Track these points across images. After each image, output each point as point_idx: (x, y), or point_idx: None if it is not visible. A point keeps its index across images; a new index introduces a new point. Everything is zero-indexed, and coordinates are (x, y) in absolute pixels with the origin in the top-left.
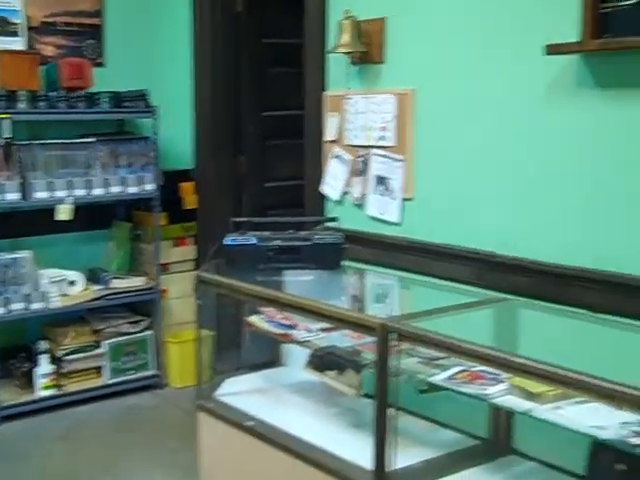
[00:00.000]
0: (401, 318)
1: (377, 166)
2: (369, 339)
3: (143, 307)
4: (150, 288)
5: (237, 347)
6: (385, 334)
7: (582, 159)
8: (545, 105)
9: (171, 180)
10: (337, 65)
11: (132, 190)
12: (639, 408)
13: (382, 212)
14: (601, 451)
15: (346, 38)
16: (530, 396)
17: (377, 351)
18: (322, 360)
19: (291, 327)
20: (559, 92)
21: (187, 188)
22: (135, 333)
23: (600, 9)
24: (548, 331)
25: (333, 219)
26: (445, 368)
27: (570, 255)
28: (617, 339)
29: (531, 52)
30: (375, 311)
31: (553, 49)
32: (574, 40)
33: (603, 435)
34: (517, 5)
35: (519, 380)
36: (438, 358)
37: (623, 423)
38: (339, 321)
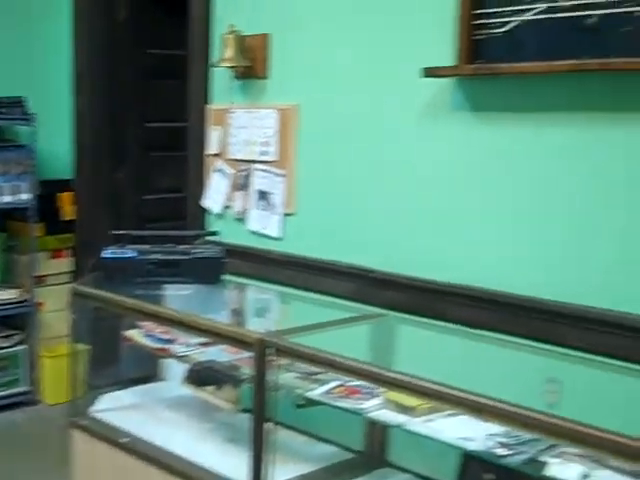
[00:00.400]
0: (279, 333)
1: (259, 181)
2: (248, 354)
3: (17, 321)
4: (24, 301)
5: (115, 362)
6: (262, 349)
7: (454, 177)
8: (422, 125)
9: (49, 190)
10: (221, 79)
11: (7, 199)
12: (503, 420)
13: (263, 227)
14: (470, 462)
15: (230, 52)
16: (404, 410)
17: (254, 366)
18: (200, 375)
19: (169, 341)
20: (435, 113)
21: (65, 198)
22: (6, 348)
23: (474, 36)
24: (423, 346)
25: (214, 233)
26: (323, 383)
27: (444, 271)
28: (489, 354)
29: (409, 74)
30: (253, 326)
31: (430, 72)
32: (450, 64)
33: (471, 446)
34: (397, 28)
35: (394, 394)
36: (316, 373)
37: (489, 435)
38: (217, 336)
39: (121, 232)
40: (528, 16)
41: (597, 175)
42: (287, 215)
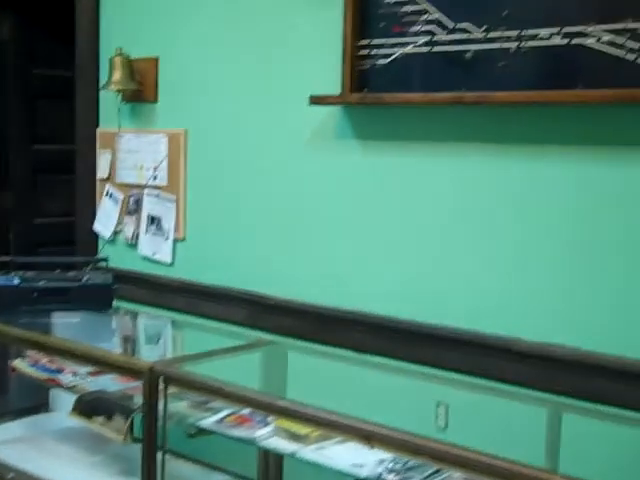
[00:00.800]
0: (169, 362)
1: (149, 206)
2: (138, 383)
3: None
4: None
5: (2, 393)
6: (153, 378)
7: (342, 203)
8: (310, 152)
9: None
10: (109, 102)
11: None
12: (389, 446)
13: (154, 252)
14: None
15: (117, 76)
16: (295, 438)
17: (144, 396)
18: (89, 405)
19: (57, 371)
20: (323, 140)
21: None
22: None
23: (359, 65)
24: (315, 373)
25: (104, 259)
26: (216, 411)
27: (337, 297)
28: (380, 380)
29: (297, 101)
30: (144, 354)
31: (316, 100)
32: (336, 93)
33: (362, 473)
34: (285, 56)
35: (285, 422)
36: (210, 401)
37: (379, 461)
38: (106, 365)
39: (5, 258)
40: (410, 48)
41: (477, 200)
42: (178, 240)
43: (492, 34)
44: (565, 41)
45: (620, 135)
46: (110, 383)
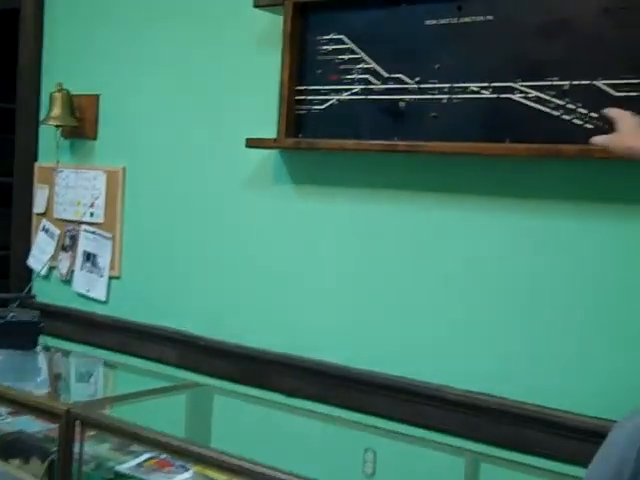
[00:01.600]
0: (89, 404)
1: (85, 242)
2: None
3: None
4: None
5: None
6: (69, 421)
7: (277, 245)
8: (246, 195)
9: None
10: (48, 137)
11: None
12: None
13: (89, 289)
14: None
15: (57, 111)
16: None
17: (60, 439)
18: (7, 446)
19: None
20: (259, 183)
21: None
22: None
23: (296, 110)
24: (243, 417)
25: (31, 296)
26: (137, 454)
27: (270, 340)
28: (308, 426)
29: (234, 143)
30: (65, 395)
31: (252, 143)
32: (273, 137)
33: None
34: (223, 98)
35: (205, 468)
36: (131, 444)
37: None
38: (23, 406)
39: None
40: (345, 96)
41: (407, 247)
42: (113, 278)
43: (424, 85)
44: (494, 95)
45: (545, 187)
46: (32, 423)
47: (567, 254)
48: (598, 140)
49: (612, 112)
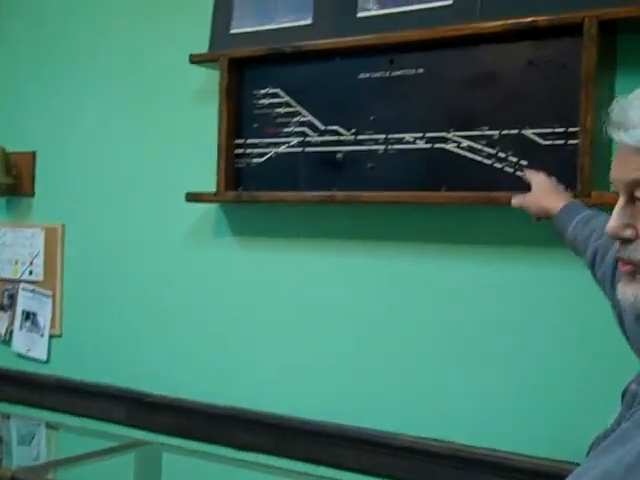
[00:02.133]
0: (34, 469)
1: (24, 301)
2: None
3: None
4: None
5: None
6: None
7: (220, 299)
8: (187, 248)
9: None
10: None
11: None
12: None
13: (29, 349)
14: None
15: None
16: None
17: None
18: None
19: None
20: (200, 237)
21: None
22: None
23: (235, 164)
24: (193, 474)
25: None
26: None
27: (219, 393)
28: None
29: (175, 198)
30: (8, 460)
31: (192, 197)
32: (213, 190)
33: None
34: (163, 152)
35: None
36: None
37: None
38: None
39: None
40: (283, 148)
41: (346, 294)
42: (54, 336)
43: (361, 137)
44: (428, 145)
45: (479, 234)
46: None
47: (506, 298)
48: (516, 200)
49: (528, 174)
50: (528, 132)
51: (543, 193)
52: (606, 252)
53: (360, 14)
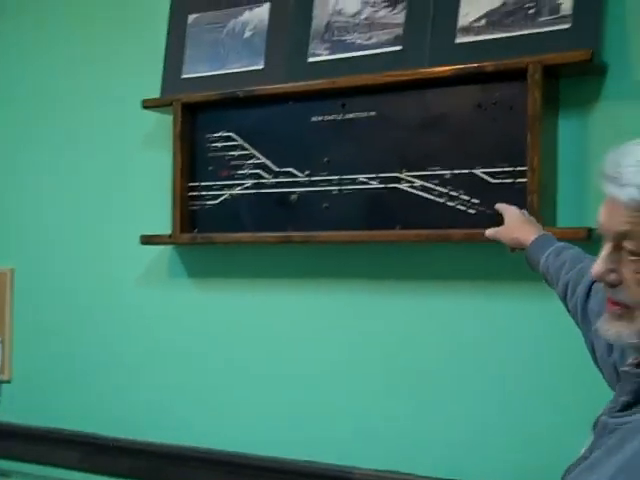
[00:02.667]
0: None
1: None
2: None
3: None
4: None
5: None
6: None
7: (175, 340)
8: (142, 290)
9: None
10: None
11: None
12: None
13: None
14: None
15: None
16: None
17: None
18: None
19: None
20: (154, 279)
21: None
22: None
23: (190, 206)
24: None
25: None
26: None
27: (175, 433)
28: None
29: (129, 240)
30: None
31: (147, 240)
32: (167, 233)
33: None
34: (117, 195)
35: None
36: None
37: None
38: None
39: None
40: (238, 190)
41: (306, 334)
42: (3, 382)
43: (315, 178)
44: (382, 185)
45: (434, 270)
46: None
47: (463, 330)
48: (490, 232)
49: (499, 206)
50: (478, 171)
51: (515, 225)
52: (577, 285)
53: (311, 59)
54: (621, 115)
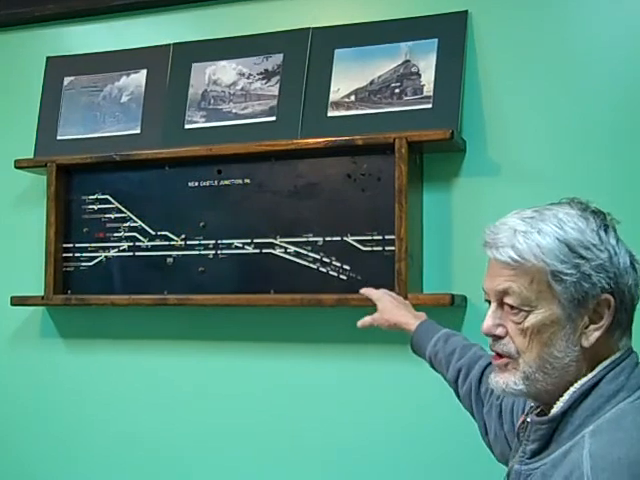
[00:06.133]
0: None
1: None
2: None
3: None
4: None
5: None
6: None
7: (50, 402)
8: (12, 352)
9: None
10: None
11: None
12: None
13: None
14: None
15: None
16: None
17: None
18: None
19: None
20: (26, 340)
21: None
22: None
23: (63, 267)
24: None
25: None
26: None
27: None
28: None
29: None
30: None
31: (18, 301)
32: (40, 294)
33: None
34: None
35: None
36: None
37: None
38: None
39: None
40: (113, 253)
41: (184, 395)
42: None
43: (191, 242)
44: (257, 250)
45: (307, 334)
46: None
47: (336, 392)
48: (364, 322)
49: (366, 291)
50: (349, 239)
51: (391, 310)
52: (470, 370)
53: (187, 126)
54: (480, 189)
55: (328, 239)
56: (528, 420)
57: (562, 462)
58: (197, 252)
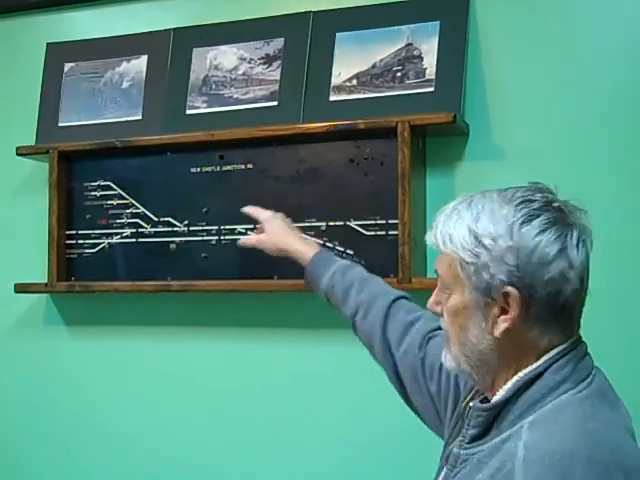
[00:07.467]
0: None
1: None
2: None
3: None
4: None
5: None
6: None
7: (54, 390)
8: (16, 340)
9: None
10: None
11: None
12: None
13: None
14: None
15: None
16: None
17: None
18: None
19: None
20: (29, 327)
21: None
22: None
23: (67, 255)
24: None
25: None
26: None
27: None
28: None
29: (3, 289)
30: None
31: (21, 288)
32: (44, 281)
33: None
34: None
35: None
36: None
37: None
38: None
39: None
40: (116, 239)
41: (186, 383)
42: None
43: (193, 228)
44: None
45: (309, 319)
46: None
47: (340, 377)
48: (246, 242)
49: (256, 213)
50: (352, 224)
51: (281, 235)
52: (370, 307)
53: (189, 111)
54: (483, 173)
55: (331, 224)
56: (470, 405)
57: (499, 450)
58: (200, 238)
